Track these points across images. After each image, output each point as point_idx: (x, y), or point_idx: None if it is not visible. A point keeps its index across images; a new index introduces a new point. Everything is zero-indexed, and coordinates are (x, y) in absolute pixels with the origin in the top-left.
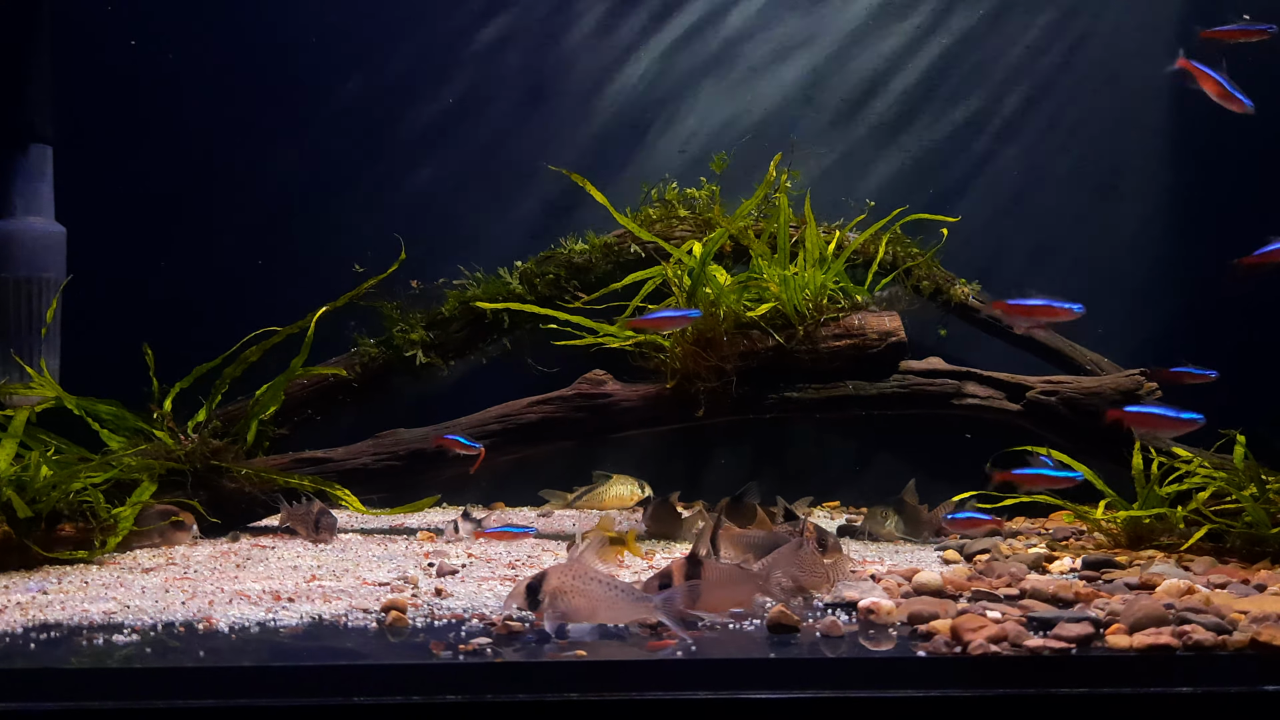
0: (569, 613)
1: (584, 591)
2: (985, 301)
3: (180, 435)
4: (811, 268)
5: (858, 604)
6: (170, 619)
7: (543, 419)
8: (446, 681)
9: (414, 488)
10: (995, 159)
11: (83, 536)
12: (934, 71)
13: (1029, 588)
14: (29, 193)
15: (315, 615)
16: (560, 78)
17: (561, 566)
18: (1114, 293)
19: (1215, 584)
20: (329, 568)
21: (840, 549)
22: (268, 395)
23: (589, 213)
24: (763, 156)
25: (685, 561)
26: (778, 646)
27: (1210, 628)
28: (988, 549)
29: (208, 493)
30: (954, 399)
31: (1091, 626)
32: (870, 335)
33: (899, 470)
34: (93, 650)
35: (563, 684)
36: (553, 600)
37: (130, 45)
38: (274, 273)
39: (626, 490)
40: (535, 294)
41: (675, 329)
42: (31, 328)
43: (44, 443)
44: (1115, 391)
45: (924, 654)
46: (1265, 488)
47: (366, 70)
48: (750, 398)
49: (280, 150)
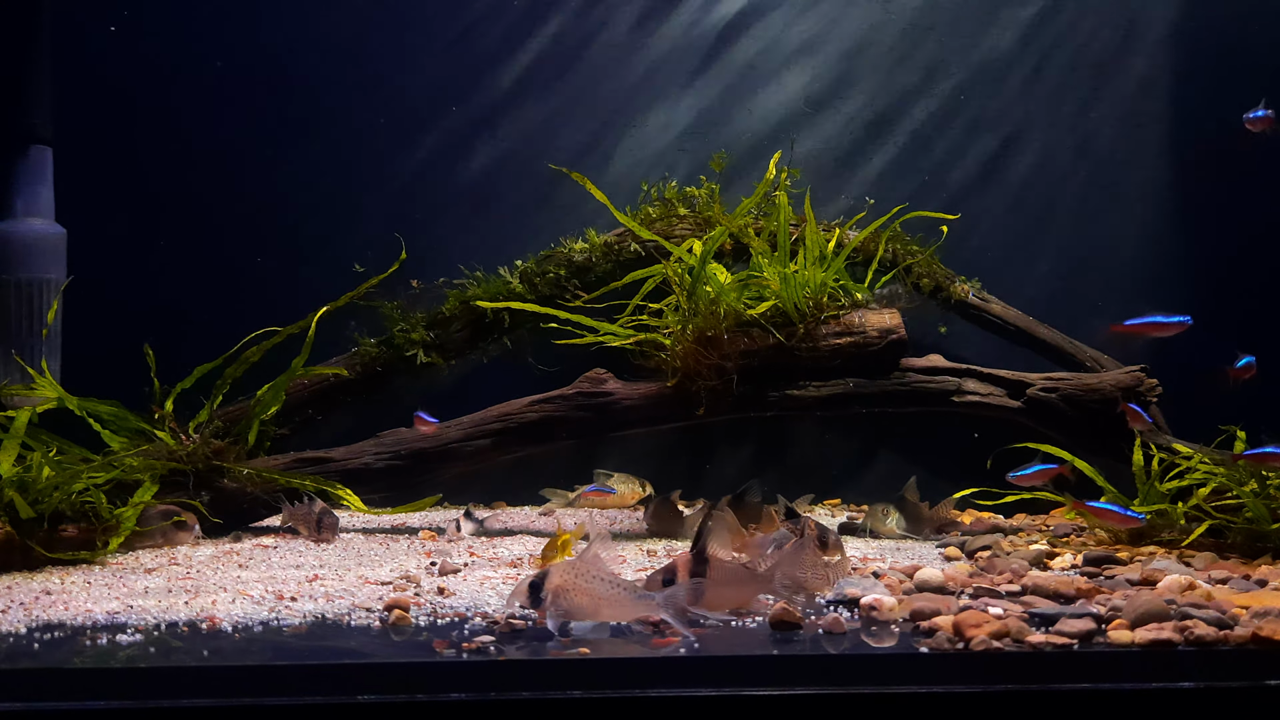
0: (572, 610)
1: (587, 590)
2: (1101, 329)
3: (182, 436)
4: (812, 266)
5: (860, 601)
6: (174, 619)
7: (544, 418)
8: (450, 680)
9: (415, 487)
10: (996, 156)
11: (85, 537)
12: (933, 68)
13: (1031, 584)
14: (29, 194)
15: (318, 614)
16: (560, 75)
17: (564, 564)
18: (1115, 289)
19: (1216, 579)
20: (331, 567)
21: (841, 547)
22: (269, 395)
23: (589, 211)
24: (762, 154)
25: (690, 559)
26: (781, 643)
27: (1212, 623)
28: (989, 546)
29: (209, 493)
30: (954, 396)
31: (1094, 622)
32: (870, 333)
33: (900, 468)
34: (96, 650)
35: (566, 682)
36: (555, 598)
37: (130, 48)
38: (274, 273)
39: (628, 489)
40: (536, 293)
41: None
42: (32, 329)
43: (46, 444)
44: (1116, 388)
45: (927, 650)
46: (1266, 483)
47: (366, 71)
48: (751, 396)
49: (280, 150)
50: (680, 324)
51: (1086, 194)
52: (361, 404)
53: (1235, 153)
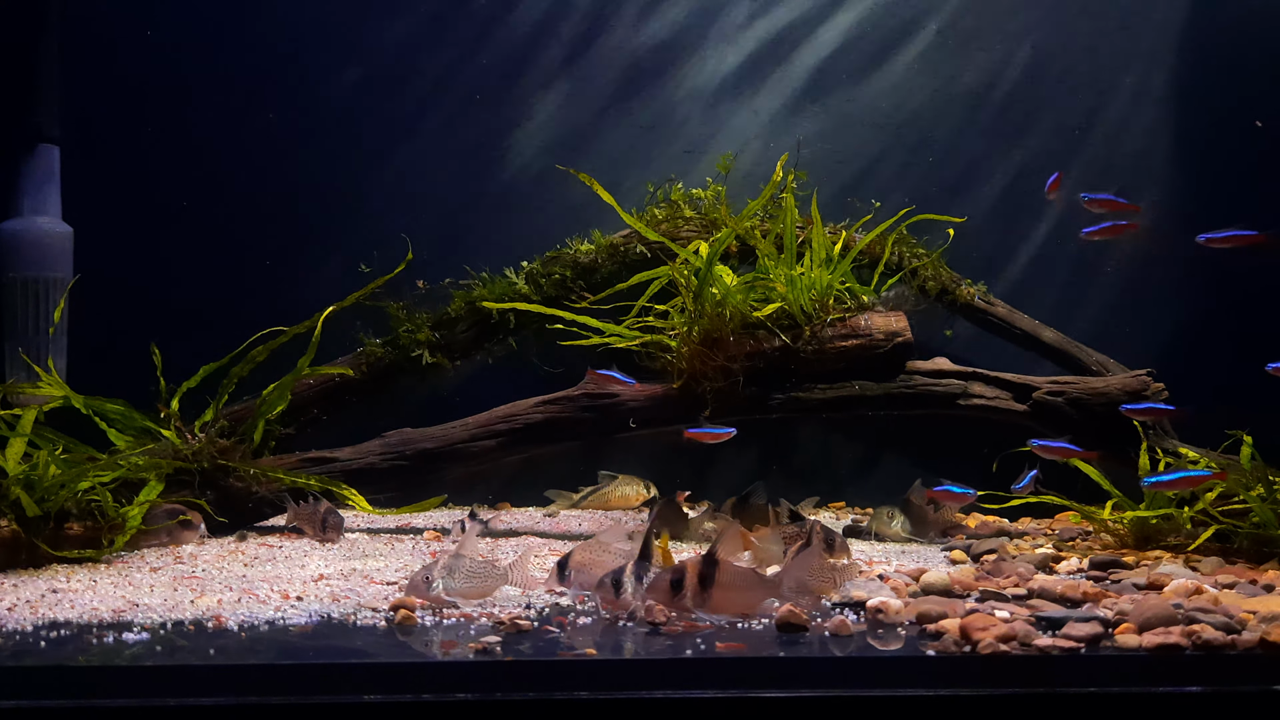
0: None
1: (603, 564)
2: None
3: (187, 435)
4: (818, 268)
5: (866, 604)
6: (180, 617)
7: (549, 419)
8: (456, 680)
9: (420, 488)
10: (1002, 159)
11: (91, 535)
12: (942, 71)
13: (1037, 587)
14: (37, 193)
15: (324, 614)
16: (566, 77)
17: (583, 545)
18: (1121, 293)
19: (1223, 584)
20: (336, 567)
21: (847, 549)
22: (274, 395)
23: (595, 212)
24: (769, 157)
25: (701, 561)
26: (787, 645)
27: (1219, 627)
28: (995, 549)
29: (215, 492)
30: (960, 399)
31: (1100, 626)
32: (876, 335)
33: (905, 470)
34: (102, 648)
35: (572, 683)
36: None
37: (138, 47)
38: (280, 273)
39: (632, 490)
40: (541, 294)
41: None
42: (39, 327)
43: (52, 442)
44: (1122, 392)
45: (933, 653)
46: (1273, 488)
47: (373, 72)
48: (757, 398)
49: (287, 151)
50: (686, 326)
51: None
52: (367, 404)
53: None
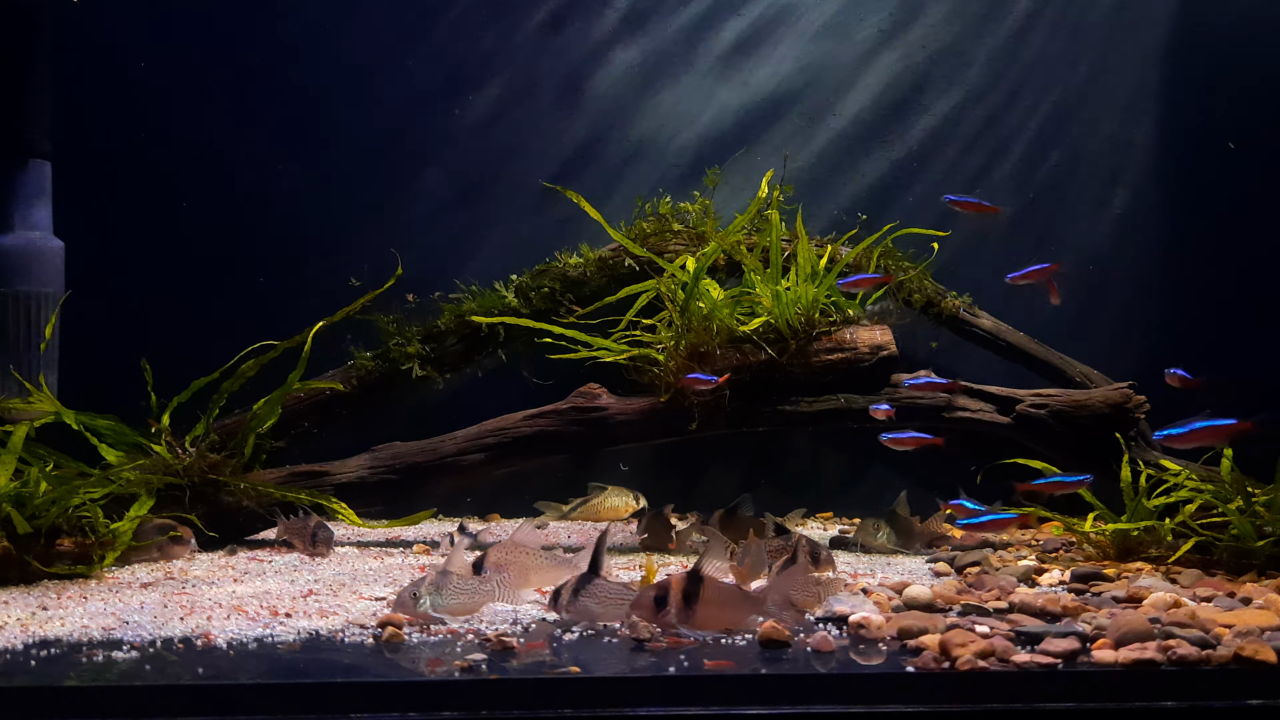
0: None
1: (519, 564)
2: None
3: (178, 450)
4: (804, 282)
5: (848, 619)
6: (169, 634)
7: (538, 432)
8: (443, 698)
9: (410, 501)
10: (988, 171)
11: (82, 551)
12: (926, 84)
13: (1018, 601)
14: (28, 208)
15: (312, 631)
16: (556, 92)
17: (498, 545)
18: (1107, 304)
19: (1202, 597)
20: (326, 582)
21: (833, 562)
22: (265, 409)
23: (584, 226)
24: (756, 169)
25: (685, 578)
26: (769, 661)
27: (1195, 642)
28: (978, 561)
29: (205, 507)
30: (945, 412)
31: (1078, 642)
32: (862, 349)
33: (891, 482)
34: (92, 667)
35: (557, 700)
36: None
37: (129, 64)
38: (271, 287)
39: (621, 502)
40: (530, 307)
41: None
42: (30, 343)
43: (43, 458)
44: (1104, 404)
45: (913, 669)
46: (1251, 501)
47: (366, 86)
48: (743, 411)
49: (278, 166)
50: (673, 339)
51: (1078, 210)
52: (358, 417)
53: (1227, 167)
